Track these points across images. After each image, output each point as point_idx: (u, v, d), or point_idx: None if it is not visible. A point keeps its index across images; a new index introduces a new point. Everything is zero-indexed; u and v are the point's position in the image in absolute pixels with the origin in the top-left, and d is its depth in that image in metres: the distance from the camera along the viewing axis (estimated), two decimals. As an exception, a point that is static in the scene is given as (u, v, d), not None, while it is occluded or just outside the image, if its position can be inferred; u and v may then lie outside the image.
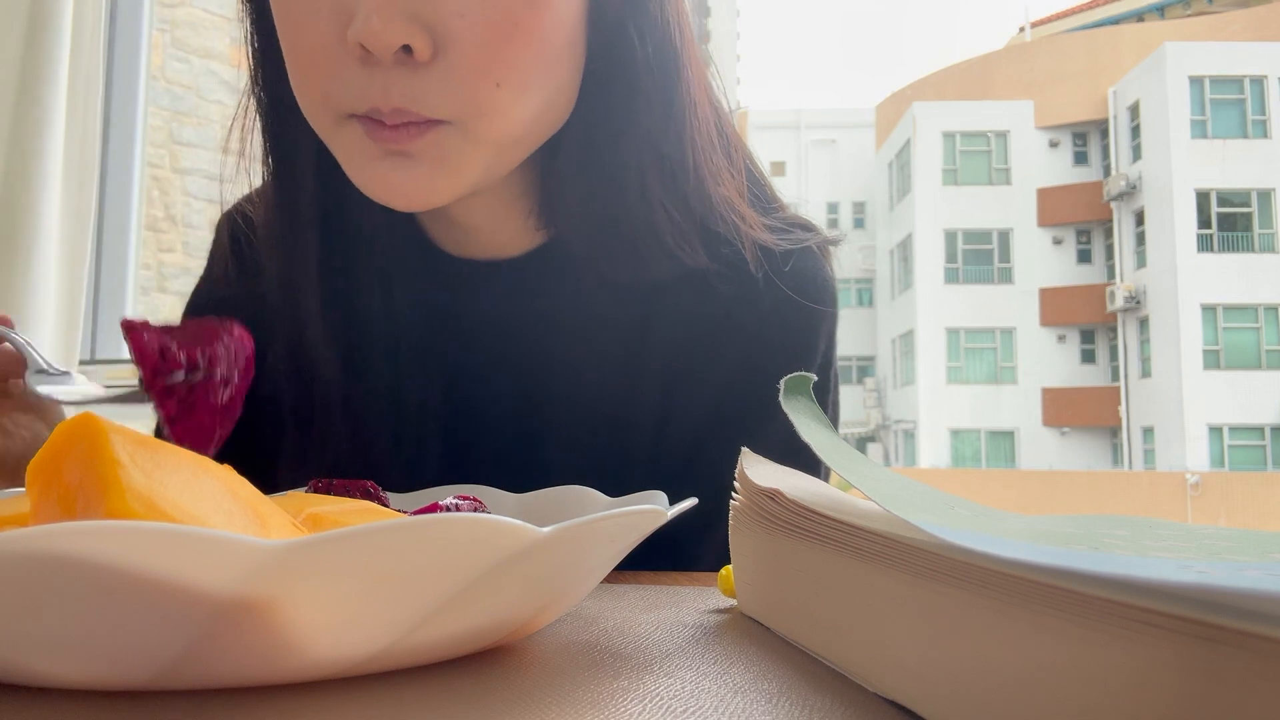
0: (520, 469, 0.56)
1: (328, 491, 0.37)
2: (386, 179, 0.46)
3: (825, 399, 0.59)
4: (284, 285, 0.57)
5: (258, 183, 0.57)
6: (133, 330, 0.39)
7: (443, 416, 0.57)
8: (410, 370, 0.57)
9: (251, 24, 0.53)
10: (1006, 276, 18.00)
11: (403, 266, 0.57)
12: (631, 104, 0.50)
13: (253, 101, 0.54)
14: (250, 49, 0.54)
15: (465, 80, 0.44)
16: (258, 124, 0.55)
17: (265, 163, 0.55)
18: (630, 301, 0.56)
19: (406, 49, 0.43)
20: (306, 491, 0.38)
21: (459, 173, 0.47)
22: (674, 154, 0.52)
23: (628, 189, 0.52)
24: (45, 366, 0.44)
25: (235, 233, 0.63)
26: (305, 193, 0.55)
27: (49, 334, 1.45)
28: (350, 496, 0.37)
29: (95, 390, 0.44)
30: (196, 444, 0.39)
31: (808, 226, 0.60)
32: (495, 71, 0.45)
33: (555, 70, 0.47)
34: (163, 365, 0.38)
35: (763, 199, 0.60)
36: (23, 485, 0.50)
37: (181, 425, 0.39)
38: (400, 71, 0.44)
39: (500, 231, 0.56)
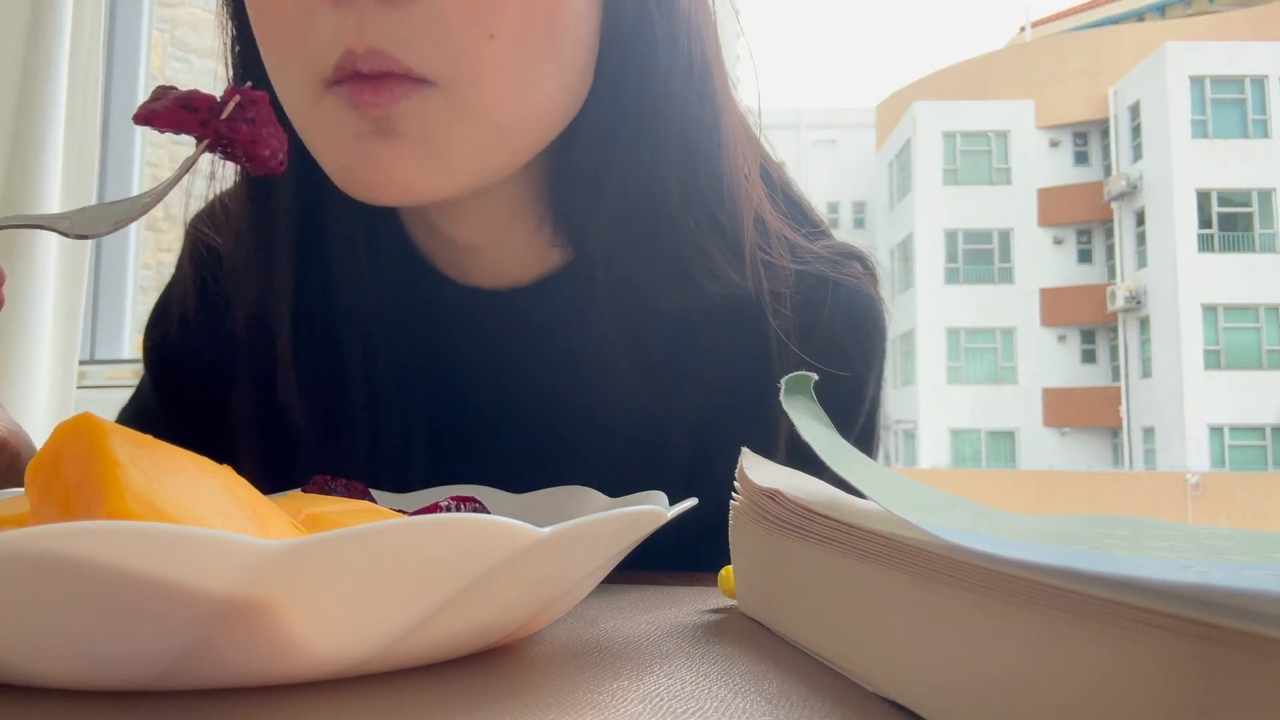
0: None
1: (328, 492, 0.37)
2: (365, 163, 0.40)
3: (870, 446, 0.53)
4: (253, 319, 0.50)
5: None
6: (154, 113, 0.35)
7: (428, 477, 0.49)
8: (392, 422, 0.50)
9: (233, 27, 0.48)
10: (1007, 276, 17.98)
11: (391, 296, 0.50)
12: (657, 94, 0.44)
13: None
14: (230, 55, 0.48)
15: (453, 25, 0.38)
16: None
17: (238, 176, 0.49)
18: (661, 335, 0.48)
19: None
20: (306, 491, 0.38)
21: (449, 154, 0.41)
22: (710, 159, 0.46)
23: (668, 196, 0.45)
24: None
25: (201, 270, 0.55)
26: (281, 209, 0.48)
27: (49, 333, 1.45)
28: (350, 497, 0.37)
29: (161, 185, 0.37)
30: (276, 154, 0.36)
31: (858, 255, 0.53)
32: (489, 19, 0.38)
33: (562, 37, 0.41)
34: (213, 102, 0.35)
35: (806, 222, 0.53)
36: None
37: (263, 142, 0.36)
38: (377, 8, 0.38)
39: (508, 248, 0.49)
